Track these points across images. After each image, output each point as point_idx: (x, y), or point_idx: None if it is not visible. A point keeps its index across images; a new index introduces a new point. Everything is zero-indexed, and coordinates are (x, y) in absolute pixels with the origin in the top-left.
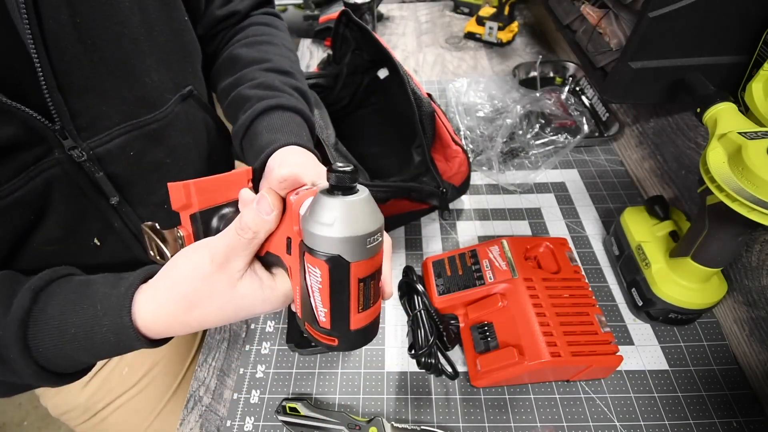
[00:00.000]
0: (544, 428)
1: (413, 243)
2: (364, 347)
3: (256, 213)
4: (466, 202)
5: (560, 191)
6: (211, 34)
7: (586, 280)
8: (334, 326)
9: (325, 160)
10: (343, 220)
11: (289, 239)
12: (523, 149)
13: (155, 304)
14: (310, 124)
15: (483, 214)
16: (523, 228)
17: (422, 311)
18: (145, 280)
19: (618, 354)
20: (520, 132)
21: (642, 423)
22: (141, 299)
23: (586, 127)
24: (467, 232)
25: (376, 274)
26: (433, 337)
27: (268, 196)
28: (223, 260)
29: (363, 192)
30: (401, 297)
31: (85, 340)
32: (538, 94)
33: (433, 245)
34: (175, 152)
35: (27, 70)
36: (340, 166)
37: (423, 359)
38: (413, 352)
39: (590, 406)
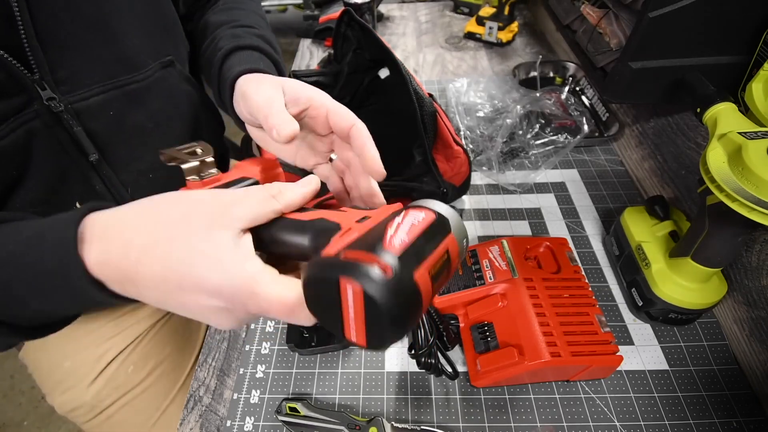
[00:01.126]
0: (544, 428)
1: None
2: (362, 348)
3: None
4: (467, 202)
5: (560, 191)
6: (191, 13)
7: (587, 280)
8: (404, 255)
9: None
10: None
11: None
12: (523, 149)
13: (114, 212)
14: (272, 59)
15: (483, 214)
16: (523, 228)
17: None
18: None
19: (618, 354)
20: (520, 132)
21: (642, 423)
22: (99, 216)
23: (586, 127)
24: (467, 232)
25: (446, 273)
26: (433, 337)
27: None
28: (225, 197)
29: None
30: None
31: (16, 259)
32: (538, 94)
33: None
34: (156, 118)
35: (7, 21)
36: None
37: (423, 359)
38: (413, 352)
39: (590, 406)
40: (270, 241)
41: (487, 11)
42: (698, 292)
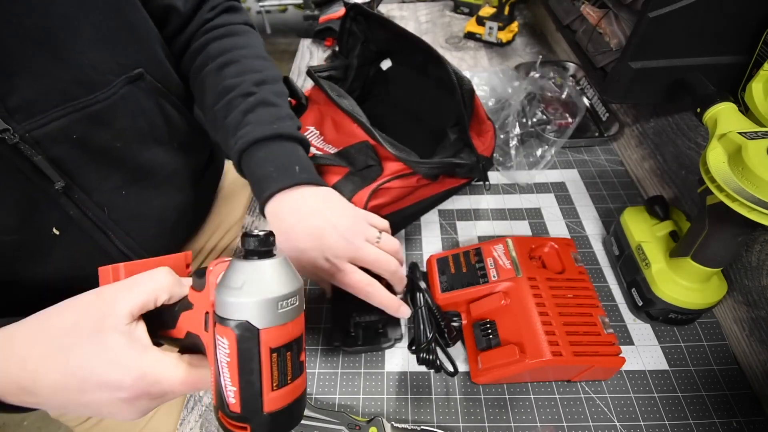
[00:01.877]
0: (544, 428)
1: (413, 243)
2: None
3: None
4: (466, 202)
5: (560, 191)
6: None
7: (591, 281)
8: (244, 408)
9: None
10: (251, 282)
11: (206, 314)
12: (534, 129)
13: (5, 331)
14: (297, 138)
15: (483, 214)
16: (523, 228)
17: (423, 308)
18: None
19: (621, 356)
20: (524, 120)
21: (642, 423)
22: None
23: (585, 102)
24: (467, 232)
25: (294, 344)
26: (432, 333)
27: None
28: (109, 295)
29: (279, 255)
30: (406, 293)
31: None
32: (536, 75)
33: (433, 245)
34: (125, 136)
35: None
36: (255, 232)
37: (422, 355)
38: (413, 348)
39: (590, 406)
40: (165, 322)
41: (487, 11)
42: (698, 292)
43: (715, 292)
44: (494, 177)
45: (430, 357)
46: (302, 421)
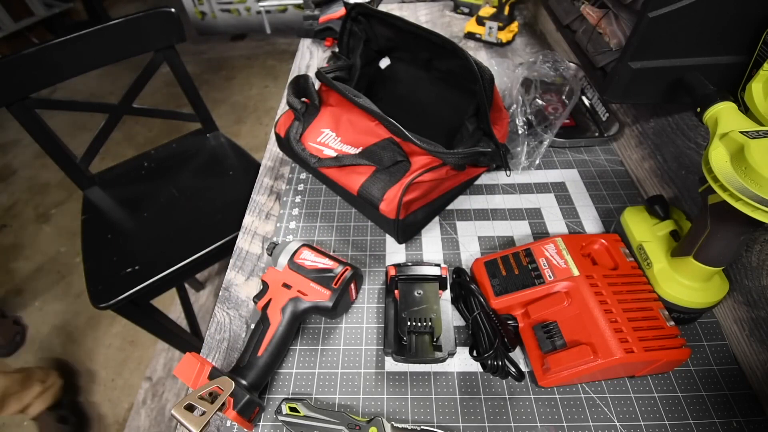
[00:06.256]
0: (544, 428)
1: (413, 243)
2: (367, 346)
3: None
4: (466, 202)
5: (560, 191)
6: None
7: (645, 275)
8: None
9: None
10: None
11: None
12: (542, 113)
13: None
14: None
15: (482, 214)
16: (523, 228)
17: (480, 313)
18: None
19: (685, 347)
20: (524, 108)
21: (642, 423)
22: None
23: (579, 83)
24: (467, 232)
25: None
26: (497, 339)
27: None
28: None
29: None
30: (455, 300)
31: None
32: (532, 60)
33: (433, 245)
34: None
35: None
36: None
37: (490, 362)
38: (475, 354)
39: (590, 406)
40: None
41: (487, 11)
42: (701, 291)
43: (717, 290)
44: (494, 177)
45: (499, 363)
46: (302, 421)
